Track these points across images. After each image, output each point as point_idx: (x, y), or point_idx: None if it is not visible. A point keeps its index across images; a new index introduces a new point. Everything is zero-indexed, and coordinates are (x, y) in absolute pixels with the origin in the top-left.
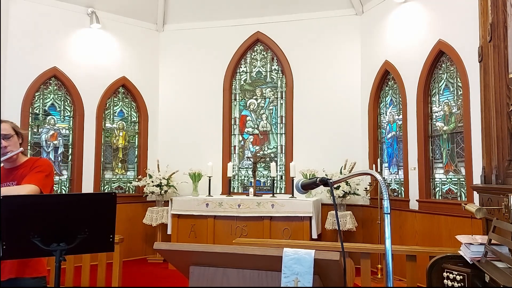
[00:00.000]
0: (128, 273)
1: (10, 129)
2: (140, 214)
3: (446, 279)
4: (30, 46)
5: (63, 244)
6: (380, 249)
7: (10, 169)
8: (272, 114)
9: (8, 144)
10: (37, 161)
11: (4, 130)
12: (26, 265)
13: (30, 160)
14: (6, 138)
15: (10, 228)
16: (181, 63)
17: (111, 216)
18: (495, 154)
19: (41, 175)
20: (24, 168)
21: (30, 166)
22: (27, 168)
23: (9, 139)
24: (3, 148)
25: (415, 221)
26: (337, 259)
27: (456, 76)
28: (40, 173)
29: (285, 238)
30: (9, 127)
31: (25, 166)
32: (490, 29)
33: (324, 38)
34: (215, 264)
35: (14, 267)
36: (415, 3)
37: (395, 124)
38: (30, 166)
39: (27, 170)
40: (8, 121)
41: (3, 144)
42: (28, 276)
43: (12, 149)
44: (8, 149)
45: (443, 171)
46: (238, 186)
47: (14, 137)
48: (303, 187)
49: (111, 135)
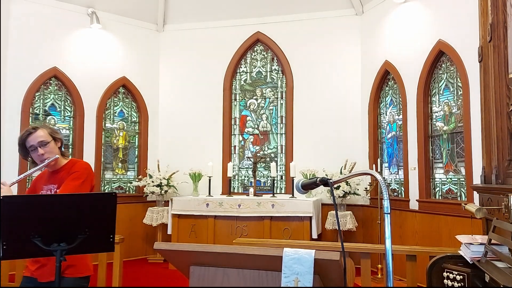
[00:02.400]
0: (128, 273)
1: (47, 136)
2: (140, 214)
3: (446, 279)
4: (30, 46)
5: (63, 244)
6: (380, 249)
7: (52, 172)
8: (272, 114)
9: (44, 151)
10: (75, 165)
11: (40, 137)
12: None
13: (70, 162)
14: (42, 145)
15: (10, 228)
16: (181, 63)
17: (112, 216)
18: (495, 154)
19: (76, 182)
20: (64, 171)
21: (68, 170)
22: (66, 171)
23: (46, 146)
24: (40, 155)
25: (415, 221)
26: (337, 259)
27: (456, 76)
28: (76, 180)
29: (285, 238)
30: (46, 133)
31: (65, 169)
32: (490, 29)
33: (324, 38)
34: (215, 264)
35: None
36: (415, 3)
37: (395, 124)
38: (68, 171)
39: (65, 174)
40: (45, 127)
41: (39, 152)
42: (70, 276)
43: (49, 155)
44: (45, 156)
45: (443, 171)
46: (238, 186)
47: (51, 143)
48: (303, 187)
49: (111, 135)
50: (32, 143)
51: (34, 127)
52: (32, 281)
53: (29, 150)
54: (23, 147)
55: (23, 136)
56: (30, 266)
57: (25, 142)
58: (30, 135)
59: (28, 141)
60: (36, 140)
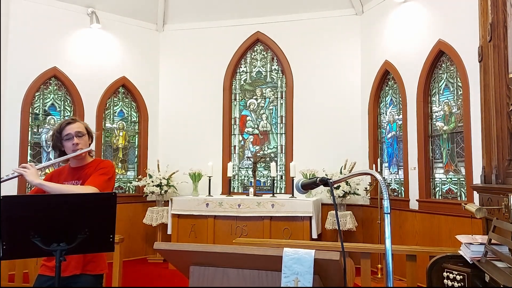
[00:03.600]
0: (128, 273)
1: (83, 128)
2: (140, 214)
3: (446, 279)
4: (30, 46)
5: (63, 244)
6: (380, 249)
7: (76, 168)
8: (272, 114)
9: (79, 141)
10: (102, 162)
11: (79, 128)
12: (90, 261)
13: (95, 161)
14: (78, 136)
15: (10, 228)
16: (181, 63)
17: (111, 216)
18: (495, 154)
19: (104, 177)
20: (89, 168)
21: (95, 166)
22: (92, 168)
23: (81, 137)
24: (75, 144)
25: (415, 221)
26: (337, 259)
27: (456, 76)
28: (104, 175)
29: (285, 238)
30: (82, 126)
31: (90, 166)
32: (490, 29)
33: (324, 38)
34: (215, 264)
35: (80, 263)
36: (415, 3)
37: (395, 124)
38: (95, 167)
39: (91, 170)
40: (82, 121)
41: (75, 141)
42: (90, 272)
43: (82, 147)
44: (79, 147)
45: (443, 171)
46: (238, 186)
47: (85, 137)
48: (303, 187)
49: (111, 135)
50: (69, 131)
51: (73, 118)
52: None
53: (63, 139)
54: (59, 134)
55: (62, 124)
56: (47, 263)
57: (63, 130)
58: (69, 124)
59: (66, 129)
60: (74, 130)
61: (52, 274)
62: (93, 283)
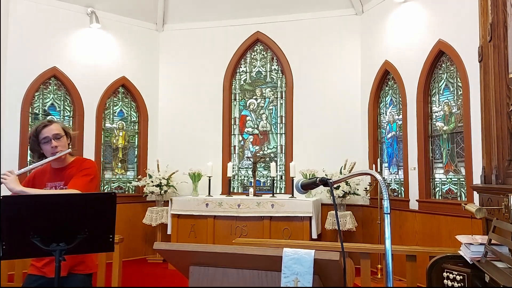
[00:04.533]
0: (128, 273)
1: (61, 130)
2: (140, 214)
3: (446, 279)
4: (30, 46)
5: (62, 244)
6: (380, 249)
7: (58, 169)
8: (272, 114)
9: (58, 144)
10: (84, 162)
11: (55, 130)
12: (81, 262)
13: (77, 160)
14: (56, 138)
15: (10, 228)
16: (181, 63)
17: (111, 216)
18: (495, 154)
19: (87, 178)
20: (71, 168)
21: (78, 167)
22: (74, 168)
23: (59, 139)
24: (54, 147)
25: (415, 221)
26: (337, 259)
27: (456, 76)
28: (86, 176)
29: (285, 238)
30: (60, 127)
31: (72, 166)
32: (490, 29)
33: (324, 38)
34: (215, 264)
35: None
36: (415, 3)
37: (395, 124)
38: (77, 167)
39: (74, 171)
40: (58, 122)
41: (53, 144)
42: (81, 272)
43: (62, 149)
44: (58, 149)
45: (443, 171)
46: (238, 186)
47: (64, 138)
48: (303, 187)
49: (111, 135)
50: (46, 135)
51: (50, 120)
52: (39, 278)
53: (40, 142)
54: (35, 138)
55: (38, 127)
56: (36, 263)
57: (40, 133)
58: (45, 127)
59: (42, 133)
60: (51, 133)
61: (40, 273)
62: (85, 281)
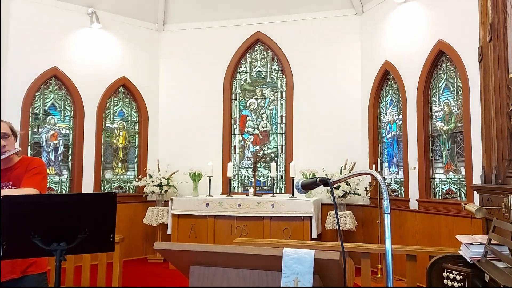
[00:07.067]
0: (128, 273)
1: (8, 129)
2: (140, 214)
3: (446, 279)
4: (30, 46)
5: (63, 243)
6: (380, 249)
7: (4, 170)
8: (272, 114)
9: (6, 143)
10: (32, 161)
11: (3, 129)
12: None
13: (23, 160)
14: (4, 137)
15: (10, 228)
16: (181, 63)
17: (111, 216)
18: (495, 154)
19: (39, 177)
20: (18, 168)
21: (25, 166)
22: (22, 168)
23: (7, 139)
24: (2, 147)
25: (415, 221)
26: (337, 259)
27: (456, 76)
28: (38, 175)
29: (285, 238)
30: (7, 126)
31: (19, 166)
32: (490, 29)
33: (324, 38)
34: (215, 264)
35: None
36: (415, 3)
37: (395, 124)
38: (25, 167)
39: (22, 171)
40: (5, 121)
41: (2, 143)
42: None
43: (10, 148)
44: (6, 149)
45: (443, 171)
46: (238, 186)
47: (11, 137)
48: (303, 187)
49: (111, 135)
50: None
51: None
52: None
53: None
54: None
55: None
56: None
57: None
58: None
59: None
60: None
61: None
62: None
